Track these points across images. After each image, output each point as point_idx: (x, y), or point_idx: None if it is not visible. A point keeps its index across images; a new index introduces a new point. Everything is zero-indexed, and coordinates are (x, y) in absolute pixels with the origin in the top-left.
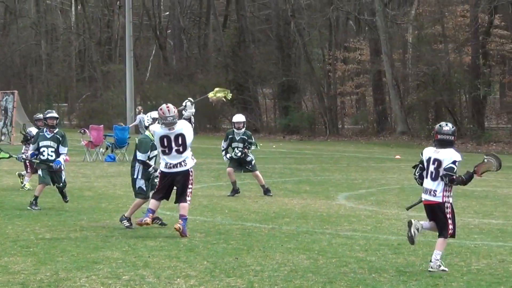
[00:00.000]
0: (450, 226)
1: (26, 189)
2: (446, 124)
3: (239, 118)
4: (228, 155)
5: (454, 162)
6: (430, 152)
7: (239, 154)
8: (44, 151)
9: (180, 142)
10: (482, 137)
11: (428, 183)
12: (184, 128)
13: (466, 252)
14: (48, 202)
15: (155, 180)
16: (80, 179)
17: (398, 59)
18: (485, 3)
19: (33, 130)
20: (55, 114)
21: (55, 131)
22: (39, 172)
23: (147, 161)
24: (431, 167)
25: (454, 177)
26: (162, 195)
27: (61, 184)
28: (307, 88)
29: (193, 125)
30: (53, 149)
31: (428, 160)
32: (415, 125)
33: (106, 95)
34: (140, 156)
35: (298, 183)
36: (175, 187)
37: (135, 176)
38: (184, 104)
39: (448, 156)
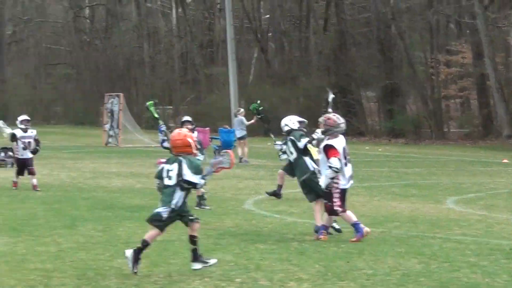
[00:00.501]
0: None
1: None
2: None
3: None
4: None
5: None
6: None
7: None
8: None
9: (347, 150)
10: None
11: None
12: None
13: None
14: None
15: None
16: None
17: (501, 62)
18: None
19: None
20: (189, 118)
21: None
22: None
23: None
24: None
25: None
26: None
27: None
28: (410, 91)
29: None
30: None
31: None
32: None
33: (210, 98)
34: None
35: (405, 186)
36: None
37: (311, 169)
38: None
39: None
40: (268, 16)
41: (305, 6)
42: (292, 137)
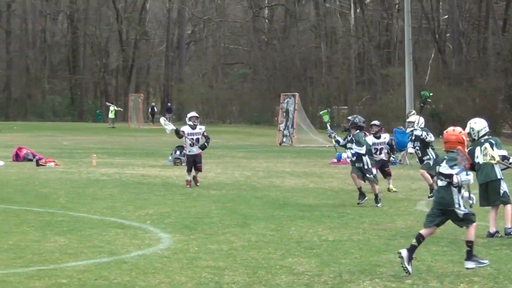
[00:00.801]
0: None
1: (393, 191)
2: None
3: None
4: None
5: None
6: None
7: None
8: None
9: None
10: None
11: None
12: None
13: None
14: (330, 204)
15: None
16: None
17: None
18: None
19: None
20: (350, 117)
21: (354, 133)
22: None
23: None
24: None
25: None
26: None
27: (371, 176)
28: None
29: None
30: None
31: None
32: None
33: (385, 98)
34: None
35: None
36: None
37: (498, 177)
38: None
39: None
40: (446, 16)
41: (485, 7)
42: (493, 141)
